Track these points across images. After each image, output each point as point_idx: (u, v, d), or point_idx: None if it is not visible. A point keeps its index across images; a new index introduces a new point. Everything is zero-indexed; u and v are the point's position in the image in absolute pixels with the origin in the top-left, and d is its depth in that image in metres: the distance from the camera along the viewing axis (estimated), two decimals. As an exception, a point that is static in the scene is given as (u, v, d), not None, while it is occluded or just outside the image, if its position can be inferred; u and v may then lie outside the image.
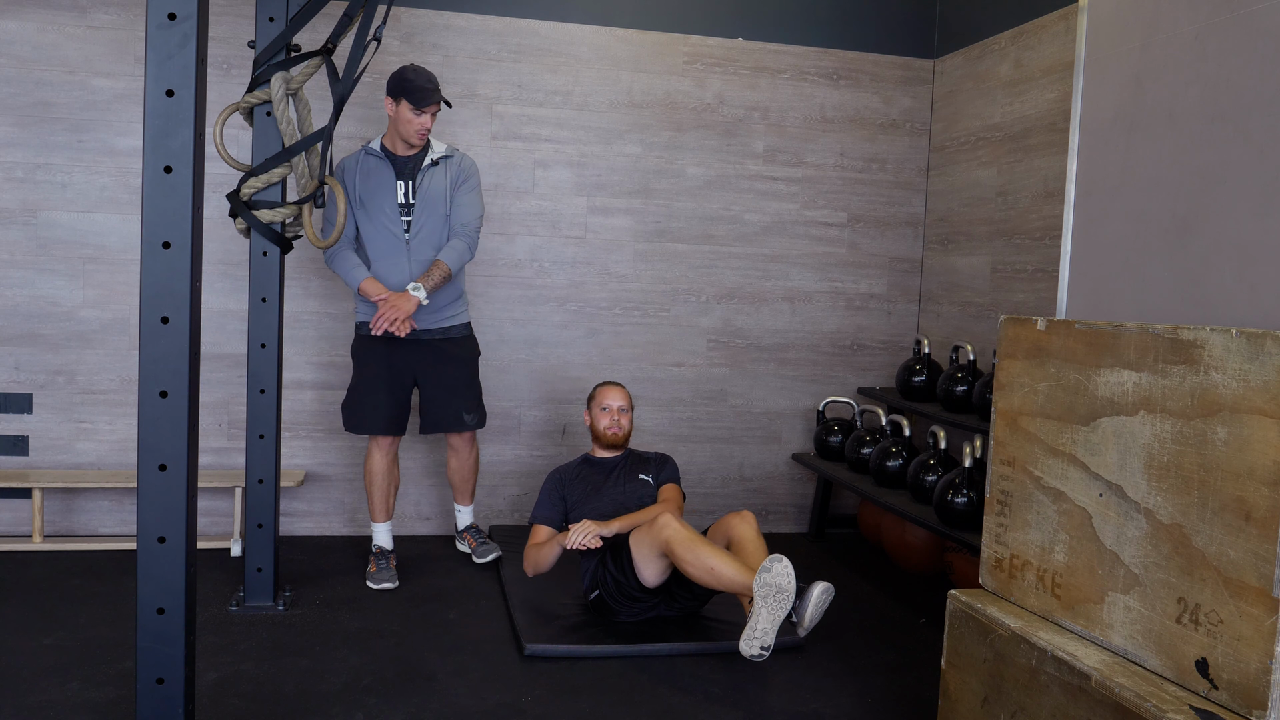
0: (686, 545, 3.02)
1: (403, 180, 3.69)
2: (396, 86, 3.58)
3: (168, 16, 1.90)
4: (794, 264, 4.72)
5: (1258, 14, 2.02)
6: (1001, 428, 2.42)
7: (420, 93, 3.56)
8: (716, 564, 2.98)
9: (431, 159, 3.71)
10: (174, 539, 1.99)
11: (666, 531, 3.06)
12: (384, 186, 3.67)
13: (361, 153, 3.71)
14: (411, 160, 3.71)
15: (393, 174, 3.68)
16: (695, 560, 3.00)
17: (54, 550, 3.93)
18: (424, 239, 3.69)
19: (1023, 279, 4.02)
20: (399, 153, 3.70)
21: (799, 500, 4.80)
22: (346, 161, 3.70)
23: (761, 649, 2.77)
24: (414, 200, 3.69)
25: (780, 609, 2.79)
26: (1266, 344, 1.75)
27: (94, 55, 4.04)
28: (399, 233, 3.67)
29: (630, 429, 3.59)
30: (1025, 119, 4.04)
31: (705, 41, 4.55)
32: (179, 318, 1.95)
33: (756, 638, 2.78)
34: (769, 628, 2.78)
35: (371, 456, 3.83)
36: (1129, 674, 1.96)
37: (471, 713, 2.68)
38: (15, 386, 4.07)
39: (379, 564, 3.77)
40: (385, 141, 3.71)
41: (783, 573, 2.80)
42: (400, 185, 3.69)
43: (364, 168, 3.67)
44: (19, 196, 4.02)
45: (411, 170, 3.70)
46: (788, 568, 2.81)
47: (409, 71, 3.58)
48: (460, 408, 3.83)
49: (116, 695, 2.68)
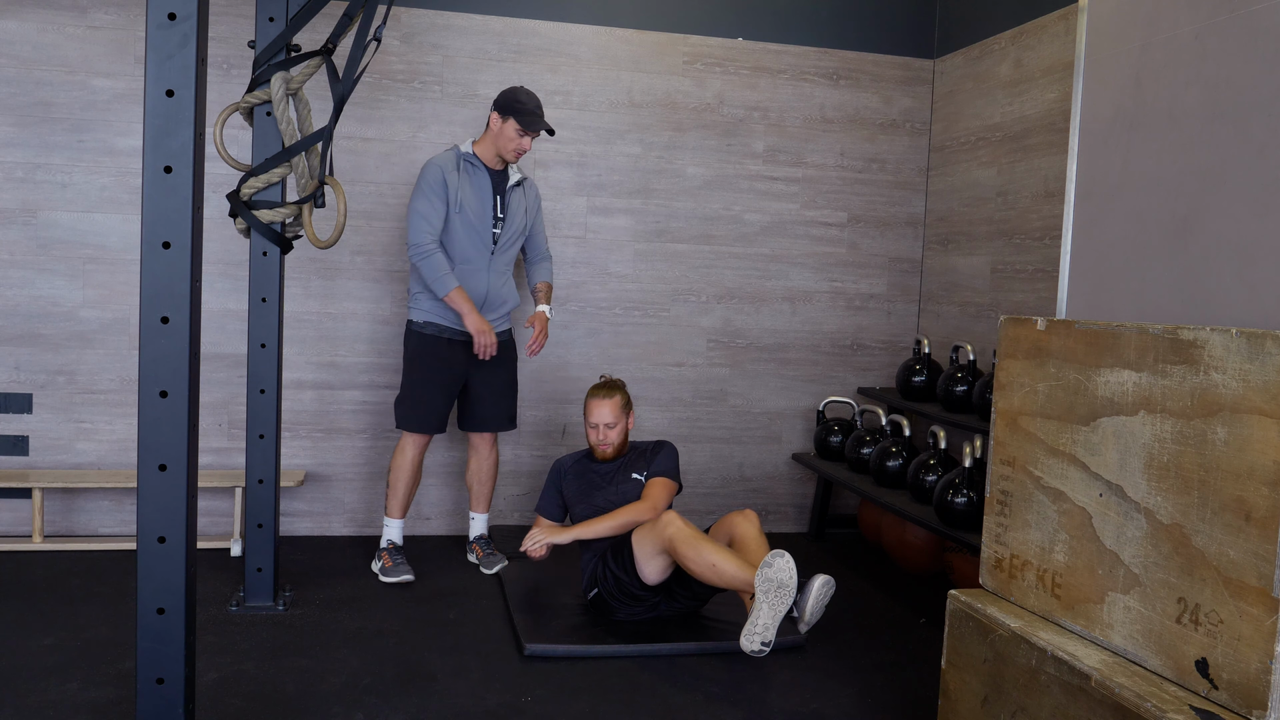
0: (689, 542, 3.02)
1: (497, 194, 3.79)
2: (508, 105, 3.68)
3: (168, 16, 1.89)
4: (794, 264, 4.72)
5: (1258, 14, 2.02)
6: (1001, 428, 2.42)
7: (531, 117, 3.67)
8: (718, 560, 2.98)
9: (514, 180, 3.84)
10: (174, 539, 1.99)
11: (670, 529, 3.06)
12: (483, 195, 3.76)
13: (458, 155, 3.75)
14: (501, 176, 3.81)
15: (490, 185, 3.77)
16: (697, 557, 3.00)
17: (54, 550, 3.93)
18: (504, 253, 3.82)
19: (1023, 279, 4.02)
20: (492, 166, 3.79)
21: (799, 500, 4.80)
22: (444, 160, 3.71)
23: (762, 645, 2.77)
24: (503, 215, 3.80)
25: (782, 604, 2.79)
26: (1266, 344, 1.75)
27: (94, 55, 4.04)
28: (488, 243, 3.77)
29: (623, 438, 3.56)
30: (1025, 119, 4.04)
31: (705, 41, 4.55)
32: (179, 318, 1.95)
33: (757, 633, 2.77)
34: (770, 623, 2.78)
35: (405, 452, 3.84)
36: (1129, 674, 1.96)
37: (471, 713, 2.68)
38: (15, 386, 4.07)
39: (394, 558, 3.78)
40: (478, 150, 3.78)
41: (784, 568, 2.80)
42: (496, 198, 3.79)
43: (465, 170, 3.73)
44: (19, 196, 4.02)
45: (501, 186, 3.81)
46: (789, 563, 2.81)
47: (522, 94, 3.69)
48: (507, 409, 3.95)
49: (116, 695, 2.68)
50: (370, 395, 4.34)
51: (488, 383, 3.87)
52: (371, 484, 4.36)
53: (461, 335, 3.78)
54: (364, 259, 4.31)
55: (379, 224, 4.30)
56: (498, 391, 3.90)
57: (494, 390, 3.89)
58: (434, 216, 3.66)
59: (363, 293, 4.32)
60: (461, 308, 3.67)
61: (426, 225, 3.65)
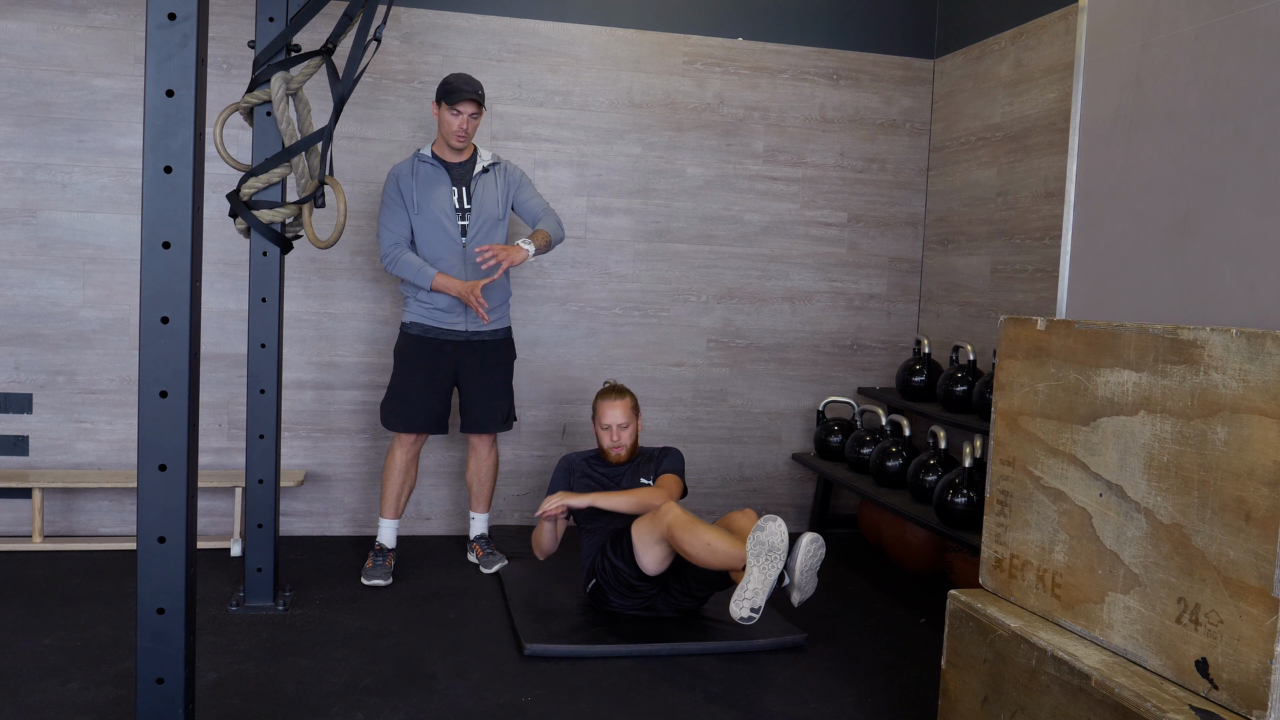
0: (685, 526, 3.05)
1: (457, 186, 3.78)
2: (438, 92, 3.70)
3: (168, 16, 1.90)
4: (794, 264, 4.72)
5: (1258, 14, 2.02)
6: (1001, 428, 2.42)
7: (454, 91, 3.65)
8: (712, 539, 3.00)
9: (482, 166, 3.82)
10: (174, 539, 1.99)
11: (668, 517, 3.09)
12: (439, 191, 3.75)
13: (414, 159, 3.78)
14: (463, 167, 3.81)
15: (448, 179, 3.77)
16: (693, 539, 3.02)
17: (54, 550, 3.93)
18: (479, 243, 3.79)
19: (1023, 279, 4.02)
20: (449, 159, 3.79)
21: (799, 500, 4.80)
22: (400, 168, 3.76)
23: (751, 610, 2.76)
24: (469, 205, 3.78)
25: (773, 568, 2.80)
26: (1266, 344, 1.75)
27: (94, 55, 4.04)
28: (456, 236, 3.76)
29: (634, 440, 3.58)
30: (1025, 119, 4.04)
31: (705, 41, 4.55)
32: (179, 318, 1.95)
33: (747, 598, 2.77)
34: (760, 588, 2.77)
35: (394, 453, 3.85)
36: (1129, 674, 1.96)
37: (471, 713, 2.68)
38: (15, 386, 4.07)
39: (375, 560, 3.79)
40: (435, 149, 3.79)
41: (776, 531, 2.81)
42: (455, 191, 3.77)
43: (419, 173, 3.75)
44: (19, 196, 4.02)
45: (464, 177, 3.80)
46: (781, 526, 2.83)
47: (451, 77, 3.70)
48: (501, 409, 3.93)
49: (116, 695, 2.68)
50: (370, 395, 4.34)
51: (480, 383, 3.87)
52: (371, 484, 4.36)
53: (451, 335, 3.78)
54: (364, 259, 4.31)
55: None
56: (491, 392, 3.89)
57: (487, 391, 3.88)
58: (394, 224, 3.72)
59: (362, 293, 4.32)
60: (448, 286, 3.68)
61: (388, 233, 3.72)
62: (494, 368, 3.90)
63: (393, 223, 3.72)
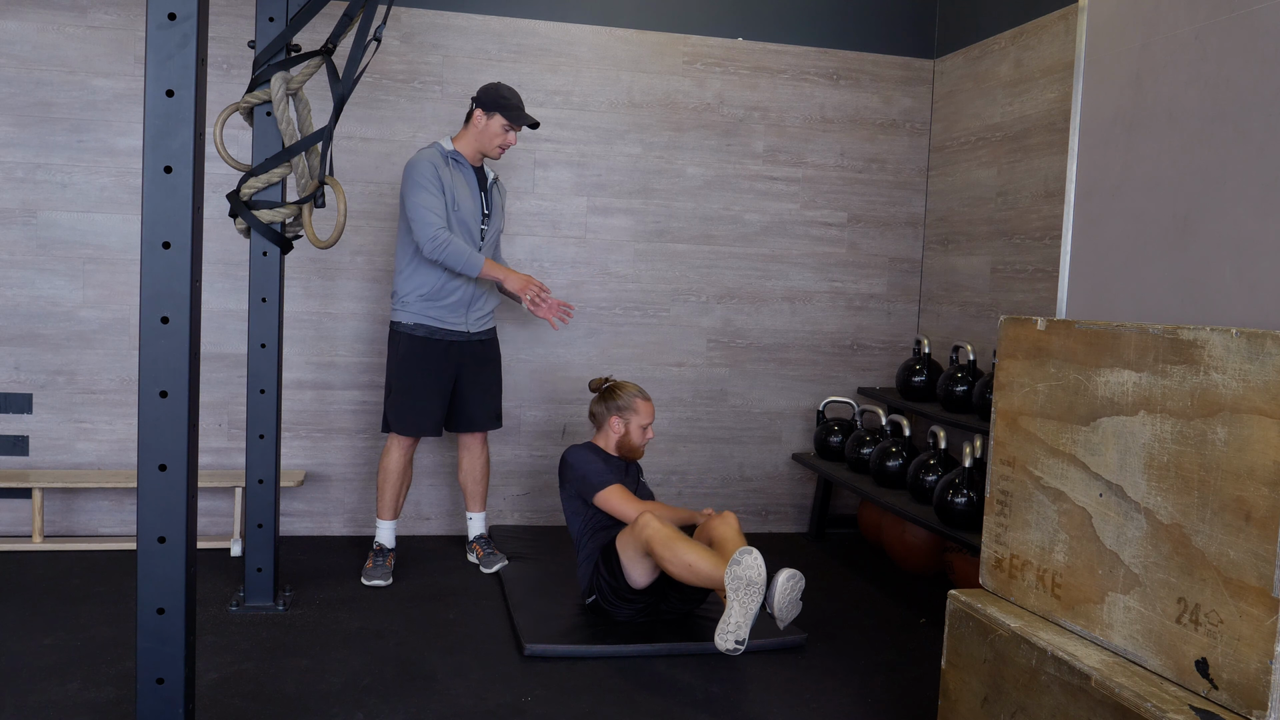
0: (664, 543, 3.01)
1: (483, 191, 3.83)
2: (493, 101, 3.69)
3: (168, 16, 1.90)
4: (794, 264, 4.72)
5: (1258, 14, 2.02)
6: (1001, 428, 2.42)
7: (516, 112, 3.70)
8: (694, 559, 2.97)
9: (492, 177, 3.89)
10: (174, 539, 1.99)
11: (646, 531, 3.06)
12: (471, 191, 3.78)
13: (443, 152, 3.73)
14: (480, 173, 3.84)
15: (475, 183, 3.80)
16: (674, 558, 2.99)
17: (54, 550, 3.93)
18: (487, 251, 3.85)
19: (1023, 279, 4.02)
20: (473, 163, 3.81)
21: (799, 500, 4.80)
22: (434, 157, 3.67)
23: (736, 643, 2.76)
24: (489, 212, 3.84)
25: (753, 601, 2.77)
26: (1266, 344, 1.75)
27: (94, 55, 4.04)
28: (477, 240, 3.79)
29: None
30: (1025, 119, 4.04)
31: (705, 41, 4.55)
32: (179, 318, 1.95)
33: (730, 632, 2.76)
34: (741, 621, 2.76)
35: (390, 454, 3.85)
36: (1129, 674, 1.96)
37: (471, 713, 2.68)
38: (15, 386, 4.07)
39: (375, 560, 3.79)
40: (459, 147, 3.78)
41: (752, 565, 2.78)
42: (481, 196, 3.82)
43: (454, 166, 3.74)
44: (19, 196, 4.02)
45: (484, 184, 3.85)
46: (757, 559, 2.79)
47: (505, 89, 3.72)
48: (495, 407, 3.96)
49: (116, 695, 2.68)
50: (369, 395, 4.34)
51: (476, 382, 3.88)
52: (371, 484, 4.36)
53: (454, 335, 3.79)
54: (364, 259, 4.31)
55: (379, 224, 4.30)
56: (486, 390, 3.91)
57: (482, 389, 3.89)
58: (438, 207, 3.64)
59: (362, 293, 4.32)
60: (498, 274, 3.71)
61: (434, 216, 3.62)
62: (488, 366, 3.93)
63: (435, 205, 3.63)
